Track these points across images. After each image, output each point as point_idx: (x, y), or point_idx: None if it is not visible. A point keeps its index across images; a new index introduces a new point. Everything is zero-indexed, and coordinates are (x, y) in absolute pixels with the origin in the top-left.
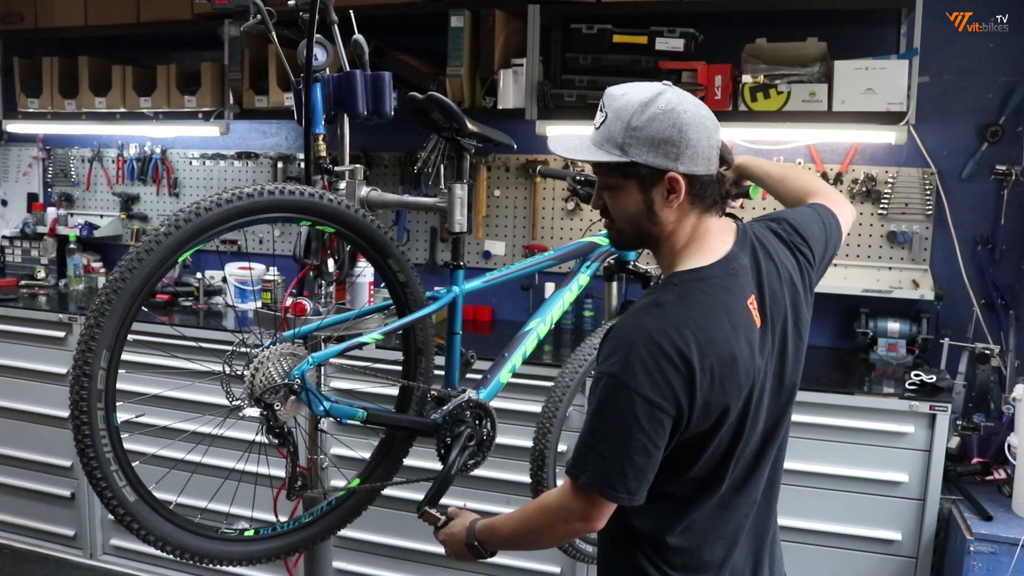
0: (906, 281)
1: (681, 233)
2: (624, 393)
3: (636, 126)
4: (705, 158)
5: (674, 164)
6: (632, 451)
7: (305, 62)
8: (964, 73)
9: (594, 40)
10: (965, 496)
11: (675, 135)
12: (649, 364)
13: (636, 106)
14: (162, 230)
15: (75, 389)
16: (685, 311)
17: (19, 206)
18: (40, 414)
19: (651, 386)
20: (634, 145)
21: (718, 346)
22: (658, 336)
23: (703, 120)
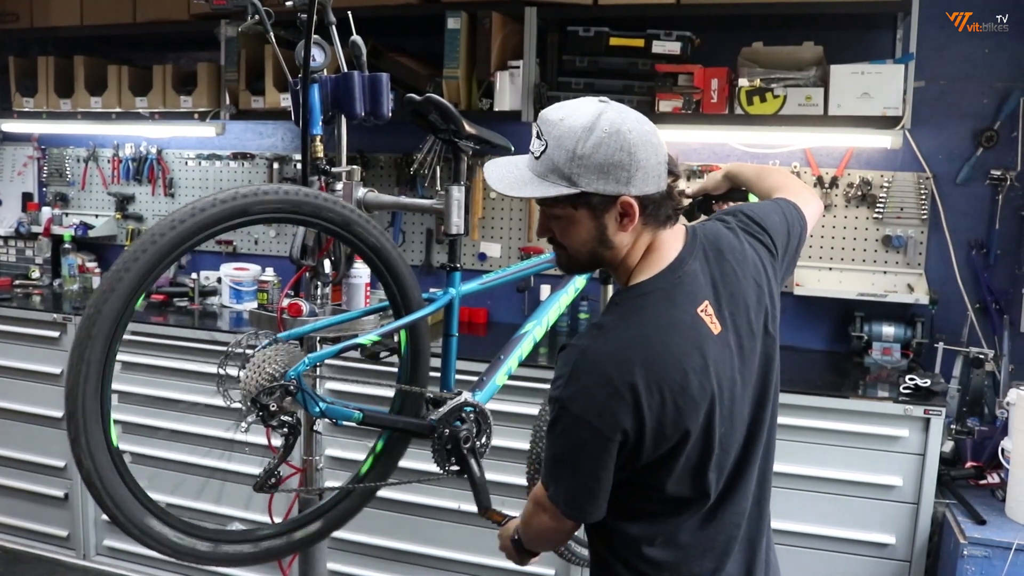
0: (901, 285)
1: (635, 253)
2: (569, 418)
3: (582, 154)
4: (655, 176)
5: (626, 188)
6: (580, 473)
7: (303, 63)
8: (960, 78)
9: (591, 43)
10: (959, 500)
11: (624, 159)
12: (593, 391)
13: (579, 132)
14: (159, 228)
15: (70, 389)
16: (626, 331)
17: (14, 205)
18: (34, 414)
19: (595, 413)
20: (582, 175)
21: (665, 364)
22: (600, 361)
23: (648, 137)
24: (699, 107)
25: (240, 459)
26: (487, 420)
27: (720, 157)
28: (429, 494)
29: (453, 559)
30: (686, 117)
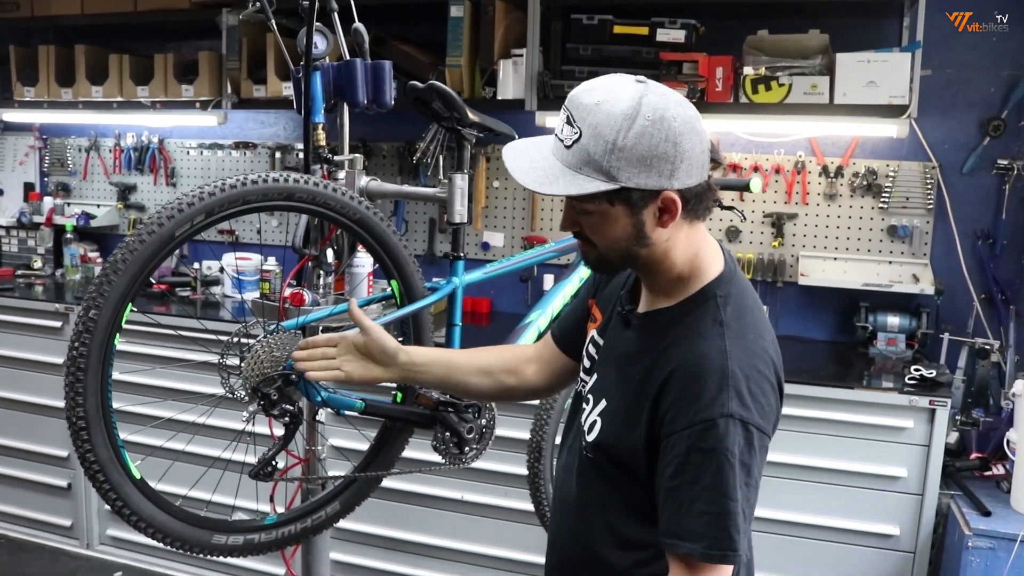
0: (906, 275)
1: (677, 251)
2: (744, 431)
3: (623, 146)
4: (699, 167)
5: (668, 182)
6: (751, 496)
7: (305, 50)
8: (967, 66)
9: (594, 30)
10: (963, 491)
11: (669, 150)
12: (755, 391)
13: (620, 120)
14: (159, 216)
15: (71, 363)
16: (749, 322)
17: (15, 195)
18: (37, 404)
19: (762, 416)
20: (622, 168)
21: (778, 348)
22: (753, 360)
23: (693, 124)
24: (704, 96)
25: (245, 448)
26: (492, 411)
27: (725, 146)
28: (431, 484)
29: (456, 549)
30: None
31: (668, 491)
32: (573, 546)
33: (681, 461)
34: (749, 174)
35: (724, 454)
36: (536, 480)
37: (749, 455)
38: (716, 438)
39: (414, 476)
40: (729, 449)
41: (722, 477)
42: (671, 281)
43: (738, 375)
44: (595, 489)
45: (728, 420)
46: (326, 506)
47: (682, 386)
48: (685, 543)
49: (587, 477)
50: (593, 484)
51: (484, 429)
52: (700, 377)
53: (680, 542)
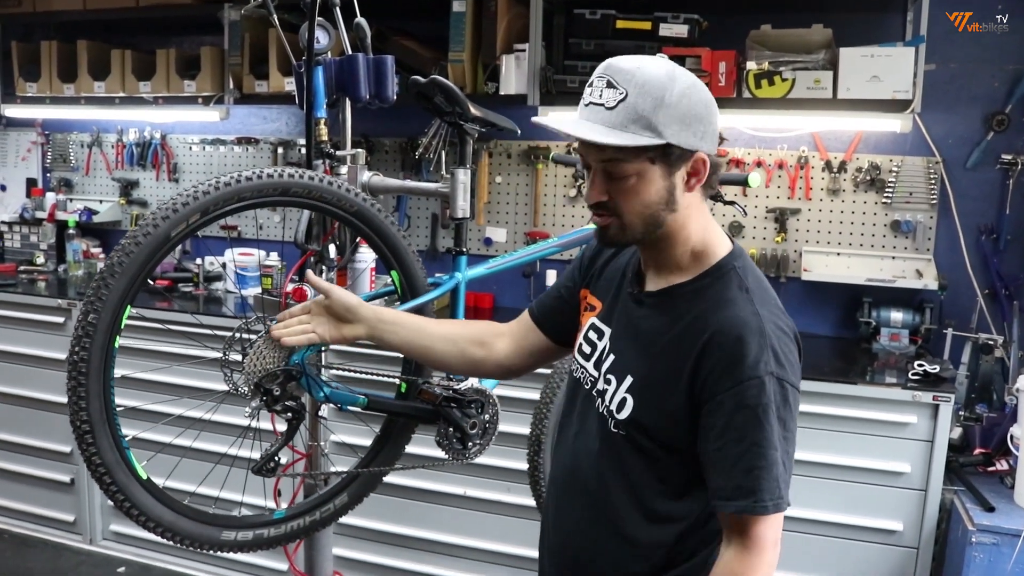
0: (909, 271)
1: (693, 222)
2: (780, 388)
3: (670, 103)
4: (714, 135)
5: (700, 143)
6: (791, 449)
7: (307, 45)
8: (970, 61)
9: (597, 25)
10: (967, 487)
11: (703, 112)
12: (785, 351)
13: (664, 79)
14: (154, 218)
15: (72, 368)
16: (767, 289)
17: (18, 191)
18: (39, 400)
19: (794, 373)
20: (668, 124)
21: None
22: (778, 320)
23: (704, 92)
24: None
25: (248, 444)
26: (495, 406)
27: (727, 141)
28: (434, 479)
29: (458, 544)
30: None
31: (715, 452)
32: (593, 529)
33: (726, 422)
34: (752, 169)
35: (766, 410)
36: (536, 474)
37: (785, 410)
38: (759, 396)
39: (417, 472)
40: (770, 406)
41: (766, 432)
42: (685, 255)
43: (772, 336)
44: (626, 467)
45: (769, 378)
46: (334, 499)
47: (724, 349)
48: (737, 501)
49: (617, 457)
50: (625, 462)
51: (487, 424)
52: (742, 339)
53: (732, 501)
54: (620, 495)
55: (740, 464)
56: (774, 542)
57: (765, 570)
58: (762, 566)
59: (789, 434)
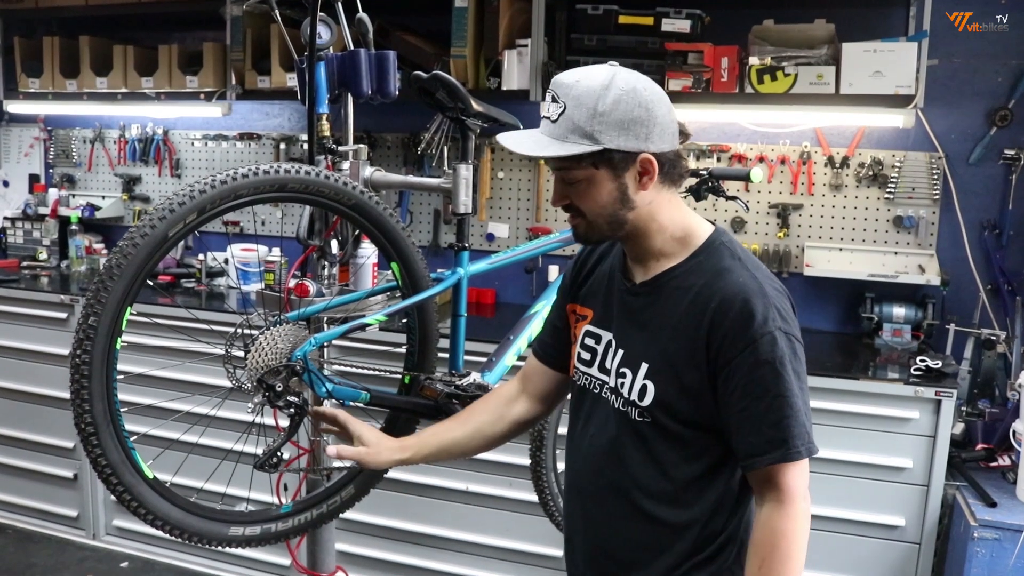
0: (912, 266)
1: (663, 213)
2: (790, 341)
3: (603, 111)
4: (671, 134)
5: (645, 144)
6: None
7: (309, 41)
8: (973, 56)
9: (599, 21)
10: (969, 482)
11: (643, 115)
12: (785, 308)
13: (598, 90)
14: (151, 218)
15: (75, 371)
16: (752, 257)
17: (21, 187)
18: (42, 395)
19: (795, 327)
20: (604, 131)
21: None
22: (774, 283)
23: (661, 96)
24: (709, 86)
25: (251, 439)
26: None
27: (730, 136)
28: (437, 475)
29: (461, 539)
30: (696, 96)
31: (740, 413)
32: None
33: (747, 380)
34: (754, 164)
35: (783, 363)
36: (539, 469)
37: (797, 362)
38: (773, 351)
39: (420, 467)
40: (784, 359)
41: (786, 383)
42: (668, 242)
43: (773, 296)
44: (655, 453)
45: (779, 333)
46: (341, 491)
47: (732, 314)
48: (771, 454)
49: (644, 446)
50: (653, 449)
51: None
52: (748, 301)
53: (767, 455)
54: (652, 484)
55: (768, 417)
56: (805, 491)
57: (803, 519)
58: (800, 515)
59: (804, 384)
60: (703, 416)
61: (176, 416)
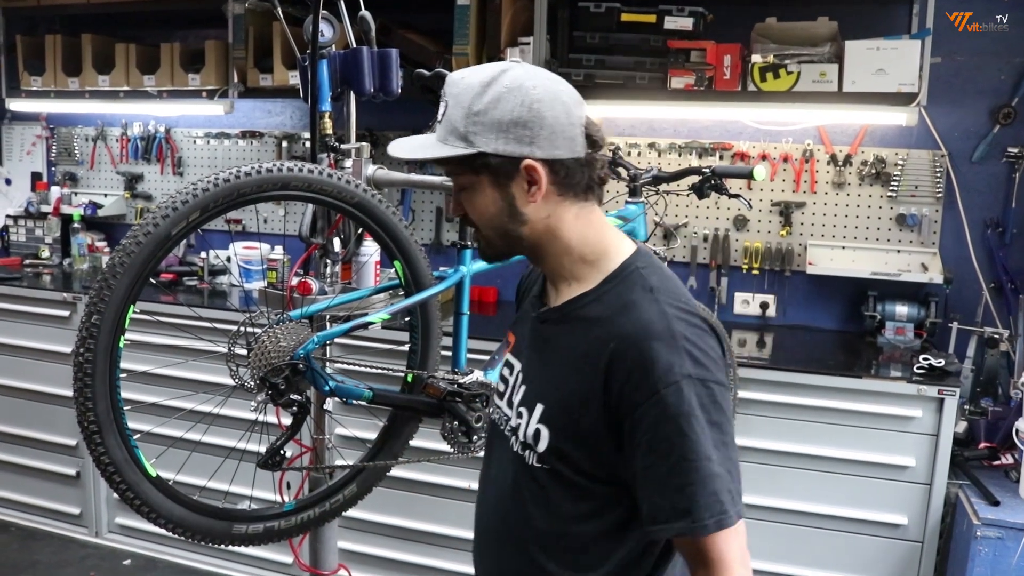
0: (915, 264)
1: (566, 230)
2: (705, 389)
3: (478, 110)
4: (566, 138)
5: (528, 149)
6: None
7: (311, 38)
8: (977, 54)
9: (602, 18)
10: (972, 481)
11: (525, 115)
12: (704, 347)
13: (477, 87)
14: (154, 217)
15: (78, 369)
16: (675, 285)
17: (23, 185)
18: (45, 393)
19: (716, 368)
20: (479, 133)
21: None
22: (690, 318)
23: (558, 95)
24: (712, 84)
25: (254, 437)
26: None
27: (733, 135)
28: (439, 472)
29: (463, 537)
30: (698, 94)
31: (643, 472)
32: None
33: (651, 437)
34: (757, 162)
35: (689, 418)
36: None
37: (717, 412)
38: (679, 404)
39: (422, 465)
40: (691, 413)
41: (692, 443)
42: (577, 264)
43: (683, 336)
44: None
45: (687, 383)
46: (343, 489)
47: (632, 358)
48: (674, 523)
49: (544, 496)
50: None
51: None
52: (648, 347)
53: (670, 523)
54: (550, 540)
55: (672, 482)
56: (740, 558)
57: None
58: None
59: (727, 437)
60: (603, 467)
61: (179, 414)
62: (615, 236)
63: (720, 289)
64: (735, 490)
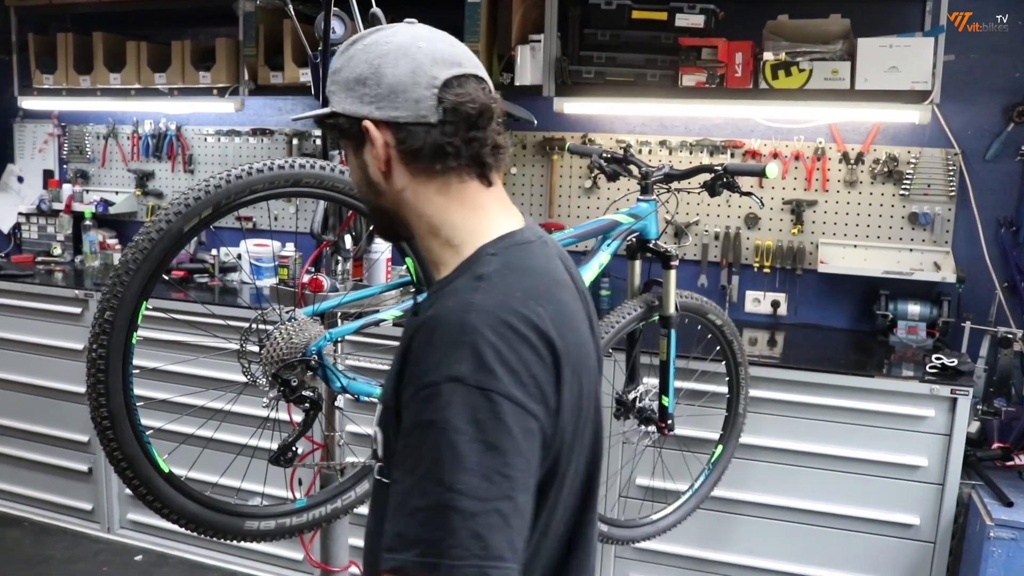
0: (927, 263)
1: (430, 207)
2: (483, 401)
3: (335, 68)
4: (410, 99)
5: (368, 109)
6: (514, 488)
7: (323, 35)
8: (991, 51)
9: (613, 16)
10: (985, 481)
11: (366, 71)
12: (507, 353)
13: (342, 47)
14: (167, 213)
15: (91, 365)
16: (519, 279)
17: (35, 182)
18: (57, 389)
19: (515, 382)
20: (334, 92)
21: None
22: (504, 314)
23: (409, 51)
24: (723, 81)
25: (266, 434)
26: None
27: (744, 132)
28: None
29: None
30: (710, 91)
31: (392, 485)
32: None
33: (404, 445)
34: (768, 160)
35: (446, 429)
36: None
37: (496, 433)
38: (437, 409)
39: None
40: (453, 423)
41: (441, 460)
42: (444, 247)
43: (482, 332)
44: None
45: (456, 385)
46: (355, 486)
47: (417, 346)
48: (396, 554)
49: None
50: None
51: None
52: (432, 335)
53: (390, 554)
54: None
55: (408, 504)
56: None
57: None
58: None
59: (510, 470)
60: None
61: (192, 410)
62: (489, 219)
63: (731, 287)
64: (491, 537)
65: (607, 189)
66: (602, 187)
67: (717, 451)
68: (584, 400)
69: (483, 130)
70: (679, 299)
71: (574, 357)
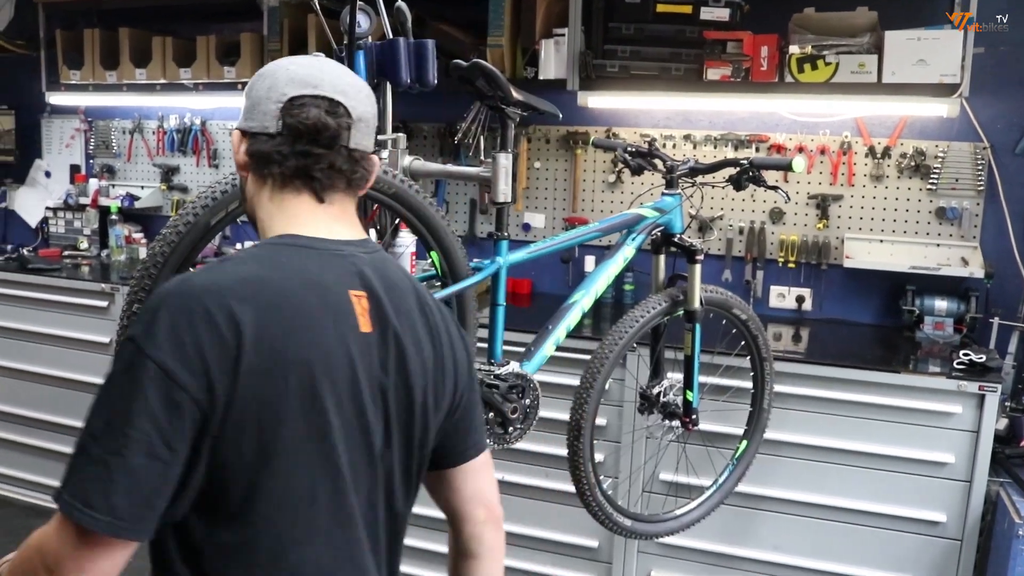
0: (955, 258)
1: (262, 211)
2: (137, 361)
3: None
4: (261, 112)
5: (240, 120)
6: (128, 446)
7: (348, 29)
8: (1020, 44)
9: (637, 9)
10: (1013, 479)
11: (248, 89)
12: (179, 323)
13: None
14: (194, 207)
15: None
16: (257, 270)
17: (62, 177)
18: (83, 382)
19: (172, 351)
20: None
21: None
22: (203, 293)
23: (275, 71)
24: (748, 75)
25: None
26: (536, 391)
27: (769, 126)
28: None
29: None
30: (735, 85)
31: None
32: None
33: None
34: (794, 154)
35: (105, 381)
36: (576, 460)
37: (132, 392)
38: (113, 361)
39: None
40: (110, 376)
41: (94, 407)
42: None
43: (168, 304)
44: None
45: (127, 343)
46: None
47: None
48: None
49: None
50: None
51: (528, 409)
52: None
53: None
54: None
55: None
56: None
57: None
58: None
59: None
60: None
61: None
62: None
63: (756, 282)
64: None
65: (631, 183)
66: (626, 181)
67: (741, 446)
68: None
69: (318, 147)
70: (704, 294)
71: (282, 354)
